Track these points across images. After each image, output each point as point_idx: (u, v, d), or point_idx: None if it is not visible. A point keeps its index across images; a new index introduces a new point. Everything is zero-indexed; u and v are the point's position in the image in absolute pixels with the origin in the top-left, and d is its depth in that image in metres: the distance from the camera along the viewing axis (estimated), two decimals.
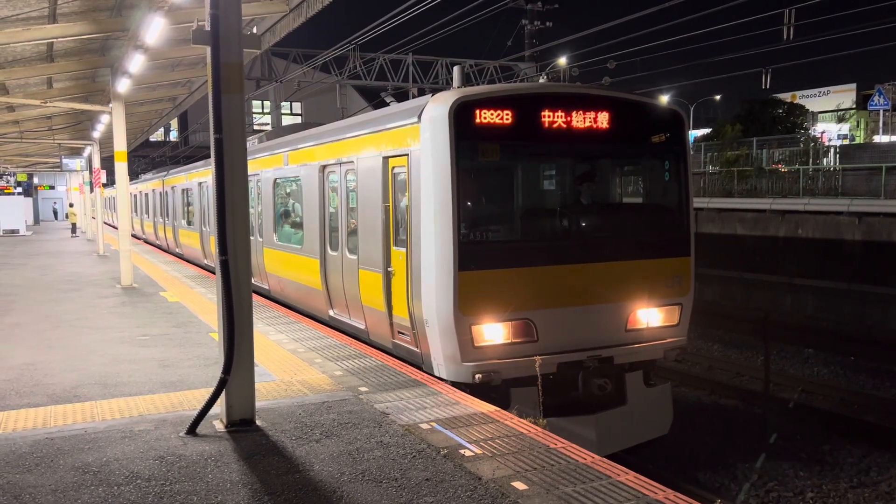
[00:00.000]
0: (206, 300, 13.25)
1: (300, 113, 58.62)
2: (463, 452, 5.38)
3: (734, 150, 30.21)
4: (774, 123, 40.77)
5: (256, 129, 45.69)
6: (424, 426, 5.99)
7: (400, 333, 8.31)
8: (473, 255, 7.27)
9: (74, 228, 38.88)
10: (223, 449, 5.55)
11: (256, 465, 5.24)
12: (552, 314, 7.60)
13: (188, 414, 6.20)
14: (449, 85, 28.72)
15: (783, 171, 27.44)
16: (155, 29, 10.47)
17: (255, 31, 13.33)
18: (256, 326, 7.53)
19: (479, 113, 7.28)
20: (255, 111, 55.37)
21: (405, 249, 7.93)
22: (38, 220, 59.79)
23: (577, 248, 7.91)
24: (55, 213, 66.16)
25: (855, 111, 54.75)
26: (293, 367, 8.08)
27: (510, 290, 7.39)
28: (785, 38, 22.09)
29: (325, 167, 10.36)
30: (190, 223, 20.38)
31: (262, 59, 30.22)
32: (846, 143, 44.79)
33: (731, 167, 28.60)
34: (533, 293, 7.51)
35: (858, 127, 53.21)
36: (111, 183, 27.87)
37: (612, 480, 4.84)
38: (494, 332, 7.40)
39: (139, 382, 7.55)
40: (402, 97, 26.99)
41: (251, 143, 15.21)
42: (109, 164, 25.42)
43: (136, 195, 33.21)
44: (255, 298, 8.69)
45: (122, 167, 16.10)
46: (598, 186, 8.58)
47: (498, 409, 6.51)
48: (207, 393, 6.15)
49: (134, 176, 39.73)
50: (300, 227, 11.52)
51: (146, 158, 60.04)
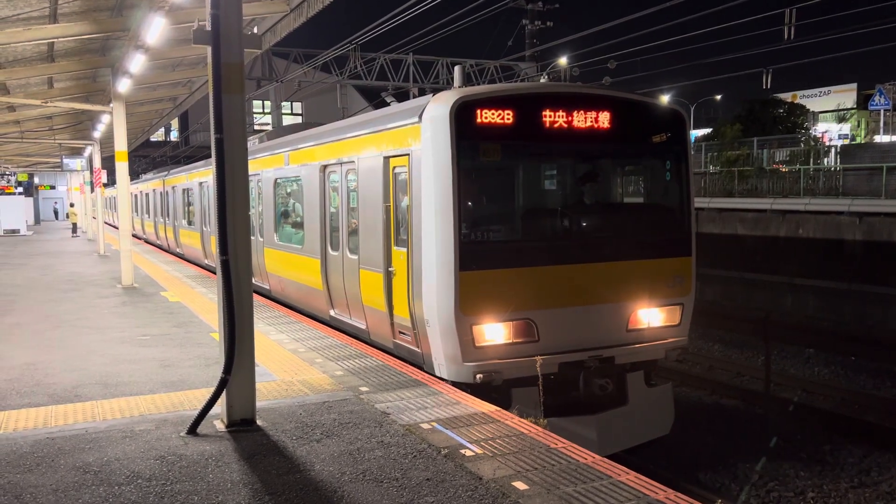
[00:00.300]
0: (206, 300, 13.26)
1: (301, 113, 58.61)
2: (464, 452, 5.38)
3: (735, 150, 30.17)
4: (775, 123, 40.70)
5: (257, 129, 45.66)
6: (425, 426, 5.99)
7: (401, 333, 8.30)
8: (474, 254, 7.27)
9: (75, 228, 38.86)
10: (224, 449, 5.55)
11: (257, 464, 5.24)
12: (553, 314, 7.59)
13: (189, 414, 6.21)
14: (449, 85, 28.73)
15: (784, 171, 27.42)
16: (155, 29, 10.48)
17: (255, 30, 13.34)
18: (257, 326, 7.53)
19: (480, 113, 7.28)
20: (255, 111, 55.36)
21: (406, 249, 7.92)
22: (38, 220, 59.81)
23: (578, 247, 7.90)
24: (56, 213, 66.18)
25: (855, 111, 54.68)
26: (294, 366, 8.08)
27: (511, 290, 7.39)
28: (786, 37, 22.09)
29: (325, 167, 10.37)
30: (191, 223, 20.38)
31: (262, 58, 30.23)
32: (847, 143, 44.75)
33: (731, 167, 28.59)
34: (534, 293, 7.50)
35: (859, 127, 53.15)
36: (112, 183, 27.90)
37: (612, 480, 4.84)
38: (495, 332, 7.39)
39: (140, 382, 7.56)
40: (402, 97, 27.03)
41: (252, 142, 15.21)
42: (110, 163, 25.44)
43: (136, 195, 33.22)
44: (255, 298, 8.66)
45: (122, 167, 16.11)
46: (599, 186, 8.57)
47: (498, 409, 6.51)
48: (208, 393, 6.15)
49: (134, 176, 39.74)
50: (301, 226, 11.53)
51: (147, 158, 60.06)
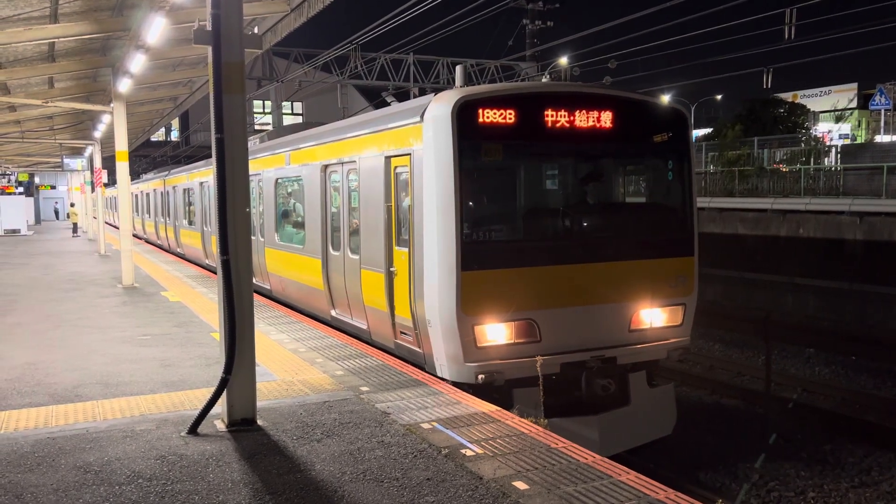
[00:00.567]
0: (207, 300, 13.26)
1: (301, 113, 58.62)
2: (464, 452, 5.38)
3: (735, 149, 30.15)
4: (776, 123, 40.66)
5: (257, 128, 45.67)
6: (426, 426, 5.99)
7: (402, 334, 8.28)
8: (476, 254, 7.24)
9: (76, 228, 38.86)
10: (224, 448, 5.56)
11: (258, 464, 5.24)
12: (555, 314, 7.57)
13: (189, 413, 6.21)
14: (450, 84, 28.72)
15: (784, 170, 27.39)
16: (156, 29, 10.48)
17: (256, 30, 13.34)
18: (258, 326, 7.53)
19: (481, 112, 7.25)
20: (256, 111, 55.38)
21: (408, 249, 7.90)
22: (39, 219, 59.84)
23: (580, 247, 7.87)
24: (56, 212, 66.21)
25: (853, 111, 54.65)
26: (294, 366, 8.08)
27: (513, 290, 7.36)
28: (786, 37, 22.07)
29: (326, 167, 10.36)
30: (191, 223, 20.39)
31: (263, 58, 30.22)
32: (847, 142, 44.73)
33: (732, 167, 28.57)
34: (536, 293, 7.48)
35: (860, 126, 53.12)
36: (112, 183, 27.91)
37: (613, 480, 4.84)
38: (497, 332, 7.36)
39: (140, 382, 7.56)
40: (403, 97, 27.02)
41: (253, 142, 15.20)
42: (110, 163, 25.45)
43: (137, 195, 33.24)
44: (256, 298, 8.64)
45: (123, 167, 16.12)
46: (601, 186, 8.54)
47: (499, 408, 6.50)
48: (209, 392, 6.16)
49: (135, 176, 39.72)
50: (302, 226, 11.51)
51: (147, 158, 60.05)
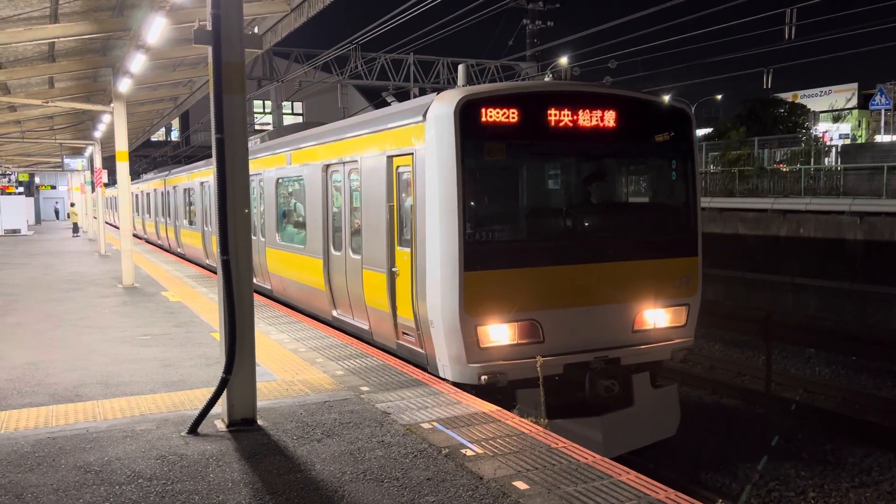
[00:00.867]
0: (207, 300, 13.26)
1: (301, 113, 58.63)
2: (464, 452, 5.38)
3: (736, 149, 30.14)
4: (776, 123, 40.61)
5: (258, 128, 45.69)
6: (426, 426, 5.99)
7: (404, 334, 8.24)
8: (479, 255, 7.21)
9: (76, 228, 38.86)
10: (225, 448, 5.56)
11: (258, 464, 5.24)
12: (558, 315, 7.53)
13: (190, 413, 6.21)
14: (450, 84, 28.73)
15: (784, 170, 27.39)
16: (156, 29, 10.48)
17: (256, 30, 13.34)
18: (258, 326, 7.53)
19: (484, 111, 7.21)
20: (256, 111, 55.41)
21: (410, 249, 7.87)
22: (39, 219, 59.86)
23: (583, 247, 7.83)
24: (56, 212, 66.24)
25: (851, 111, 54.58)
26: (294, 366, 8.08)
27: (516, 290, 7.32)
28: (786, 37, 22.06)
29: (328, 166, 10.32)
30: (192, 223, 20.39)
31: (263, 58, 30.22)
32: (847, 142, 44.71)
33: (732, 167, 28.56)
34: (539, 293, 7.44)
35: (860, 126, 53.08)
36: (112, 183, 27.92)
37: (613, 480, 4.84)
38: (500, 332, 7.32)
39: (141, 382, 7.56)
40: (403, 97, 27.03)
41: (254, 142, 15.20)
42: (111, 163, 25.45)
43: (137, 195, 33.25)
44: (256, 298, 8.62)
45: (123, 167, 16.13)
46: (604, 186, 8.49)
47: (499, 408, 6.50)
48: (209, 392, 6.16)
49: (135, 176, 39.73)
50: (303, 226, 11.48)
51: (147, 158, 60.07)
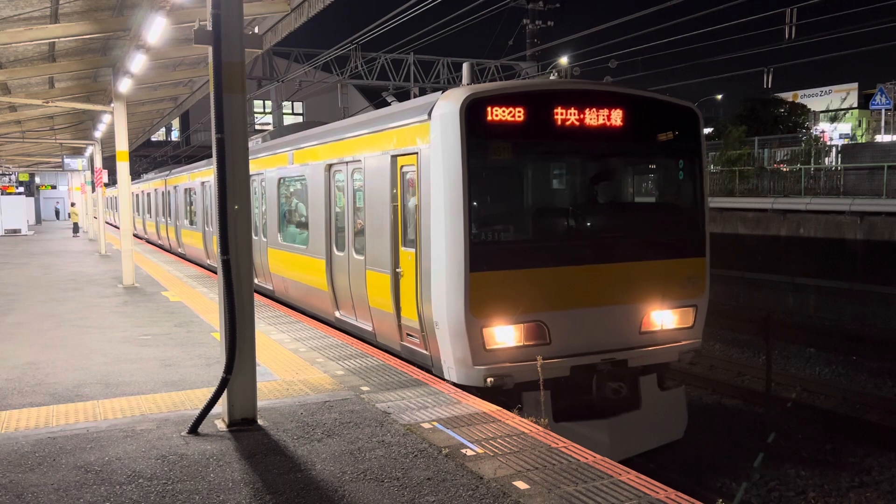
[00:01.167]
0: (207, 300, 13.27)
1: (301, 113, 58.66)
2: (464, 452, 5.38)
3: (736, 149, 30.14)
4: (776, 123, 40.61)
5: (258, 128, 45.71)
6: (426, 425, 5.99)
7: (408, 336, 8.15)
8: (485, 255, 7.13)
9: (76, 228, 38.88)
10: (225, 448, 5.56)
11: (258, 464, 5.25)
12: (565, 316, 7.44)
13: (190, 413, 6.22)
14: (450, 84, 28.72)
15: (785, 170, 27.39)
16: (156, 29, 10.48)
17: (256, 30, 13.34)
18: (258, 326, 7.54)
19: (490, 110, 7.13)
20: (256, 111, 55.42)
21: (414, 250, 7.79)
22: (39, 219, 59.89)
23: (590, 248, 7.73)
24: (57, 212, 66.27)
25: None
26: (295, 366, 8.08)
27: (522, 291, 7.24)
28: (787, 37, 22.05)
29: (331, 166, 10.24)
30: (193, 223, 20.38)
31: (263, 58, 30.26)
32: (848, 142, 44.71)
33: (732, 166, 28.56)
34: (545, 295, 7.35)
35: (860, 126, 53.06)
36: (113, 183, 27.95)
37: (613, 480, 4.84)
38: (506, 334, 7.23)
39: (141, 382, 7.56)
40: (403, 97, 27.02)
41: (255, 141, 15.20)
42: (111, 163, 25.45)
43: (138, 195, 33.26)
44: (257, 298, 8.63)
45: (123, 167, 16.14)
46: (611, 185, 8.40)
47: (499, 408, 6.49)
48: (209, 392, 6.16)
49: (135, 175, 39.77)
50: (305, 226, 11.40)
51: (148, 158, 60.13)
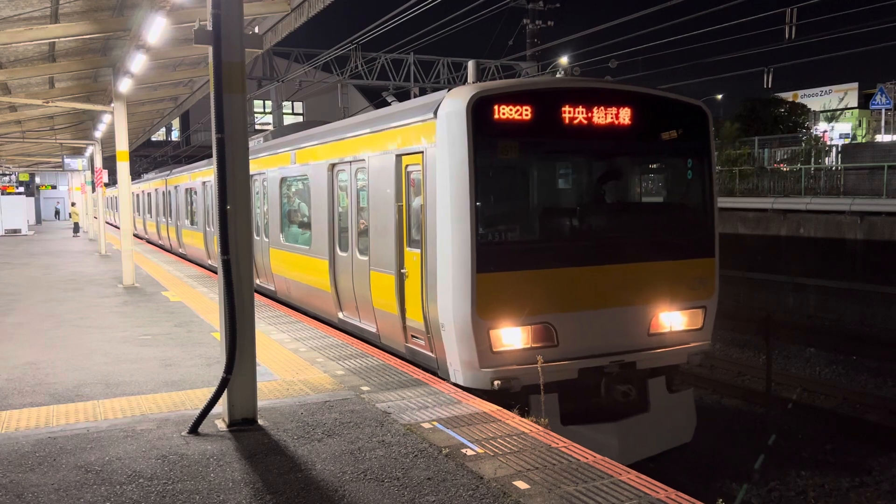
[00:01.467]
0: (207, 300, 13.27)
1: (301, 113, 58.67)
2: (465, 452, 5.38)
3: (736, 149, 30.15)
4: (776, 123, 40.61)
5: (258, 128, 45.72)
6: (426, 425, 5.99)
7: (413, 337, 8.05)
8: (492, 256, 7.04)
9: (77, 228, 38.89)
10: (225, 448, 5.56)
11: (258, 464, 5.25)
12: (573, 318, 7.36)
13: (190, 413, 6.22)
14: (451, 84, 28.72)
15: (785, 170, 27.39)
16: (157, 29, 10.48)
17: (256, 30, 13.34)
18: (258, 326, 7.54)
19: (497, 108, 7.05)
20: (256, 111, 55.42)
21: (420, 250, 7.70)
22: (39, 219, 59.91)
23: (598, 249, 7.63)
24: (57, 212, 66.27)
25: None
26: (295, 366, 8.08)
27: (530, 292, 7.15)
28: (787, 37, 22.04)
29: (334, 165, 10.15)
30: (194, 223, 20.36)
31: (263, 58, 30.26)
32: (848, 142, 44.72)
33: (732, 166, 28.56)
34: (553, 296, 7.27)
35: (861, 126, 53.07)
36: (113, 182, 27.97)
37: (613, 479, 4.85)
38: (513, 336, 7.14)
39: (141, 382, 7.57)
40: (403, 97, 27.01)
41: (257, 141, 15.19)
42: (111, 163, 25.43)
43: (138, 195, 33.26)
44: (258, 298, 8.65)
45: (123, 167, 16.14)
46: (620, 185, 8.31)
47: (499, 408, 6.49)
48: (209, 392, 6.17)
49: (136, 175, 39.76)
50: (308, 227, 11.30)
51: (148, 158, 60.17)
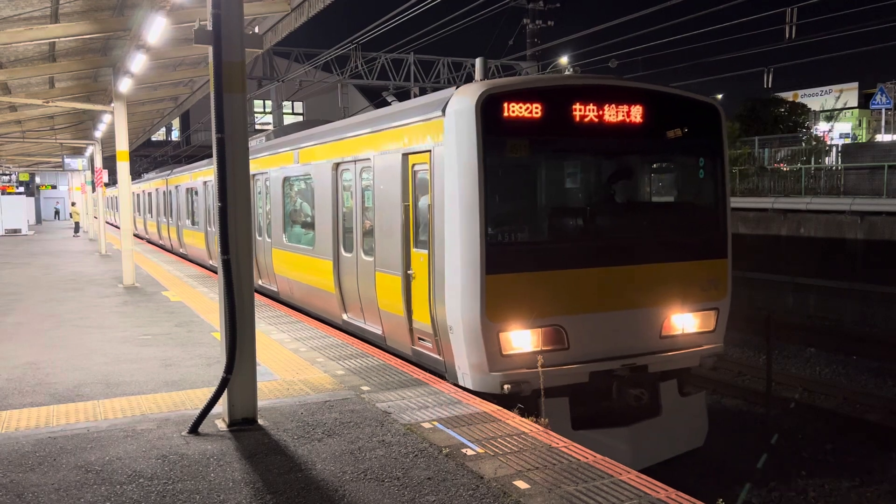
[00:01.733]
0: (207, 300, 13.27)
1: (301, 112, 58.67)
2: (465, 451, 5.38)
3: (736, 149, 30.14)
4: (776, 122, 40.61)
5: (258, 128, 45.74)
6: (426, 425, 5.99)
7: (420, 340, 7.92)
8: (501, 257, 6.90)
9: (77, 228, 38.90)
10: (225, 448, 5.56)
11: (258, 464, 5.25)
12: (584, 320, 7.23)
13: (190, 413, 6.22)
14: (451, 84, 28.69)
15: (785, 169, 27.38)
16: (157, 28, 10.48)
17: (256, 30, 13.34)
18: (258, 326, 7.54)
19: (507, 106, 6.91)
20: (256, 111, 55.45)
21: (427, 251, 7.58)
22: (39, 219, 59.93)
23: (609, 250, 7.47)
24: (57, 212, 66.26)
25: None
26: (295, 366, 8.08)
27: (540, 294, 7.01)
28: (787, 37, 22.03)
29: (338, 165, 10.04)
30: (194, 223, 20.34)
31: (263, 58, 30.27)
32: (848, 142, 44.72)
33: (732, 166, 28.56)
34: (564, 298, 7.13)
35: (861, 126, 53.07)
36: (113, 182, 27.99)
37: (613, 479, 4.85)
38: (523, 339, 7.00)
39: (141, 382, 7.57)
40: (403, 97, 27.01)
41: (258, 140, 15.17)
42: (111, 163, 25.43)
43: (139, 195, 33.26)
44: (259, 299, 8.63)
45: (123, 167, 16.15)
46: (632, 185, 8.19)
47: (500, 408, 6.48)
48: (209, 392, 6.17)
49: (136, 175, 39.77)
50: (311, 227, 11.17)
51: (148, 158, 60.21)
